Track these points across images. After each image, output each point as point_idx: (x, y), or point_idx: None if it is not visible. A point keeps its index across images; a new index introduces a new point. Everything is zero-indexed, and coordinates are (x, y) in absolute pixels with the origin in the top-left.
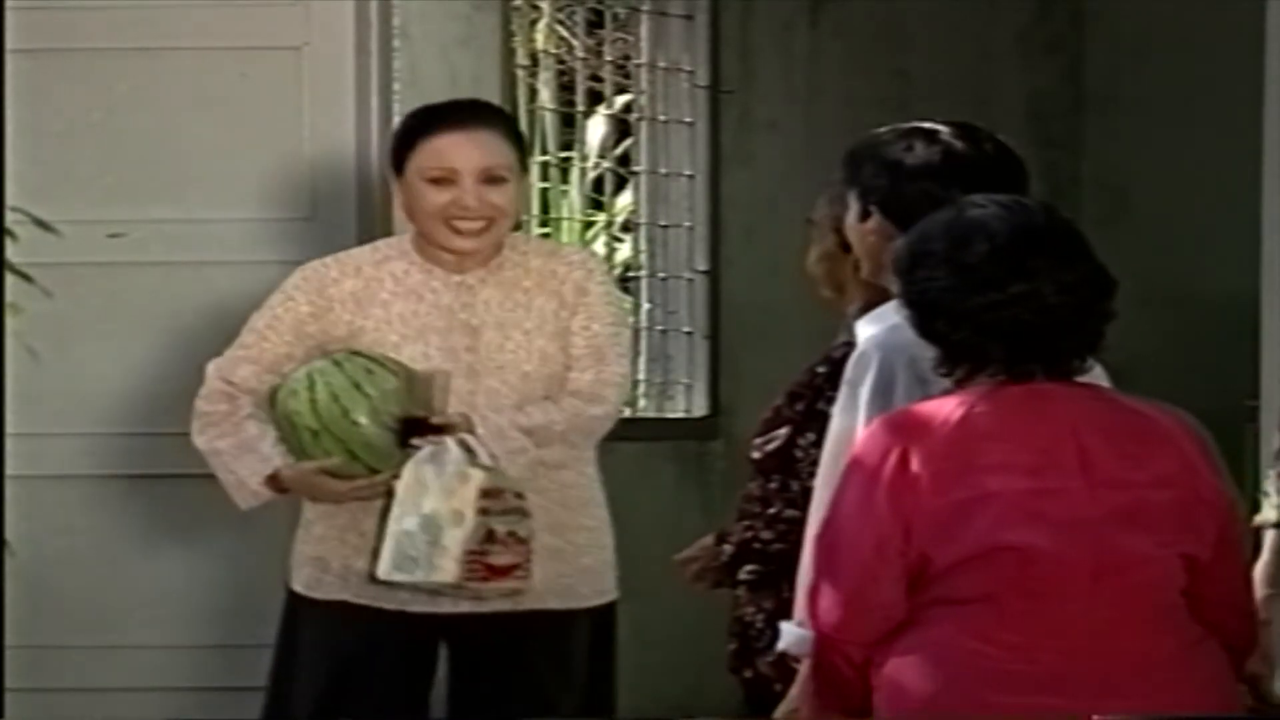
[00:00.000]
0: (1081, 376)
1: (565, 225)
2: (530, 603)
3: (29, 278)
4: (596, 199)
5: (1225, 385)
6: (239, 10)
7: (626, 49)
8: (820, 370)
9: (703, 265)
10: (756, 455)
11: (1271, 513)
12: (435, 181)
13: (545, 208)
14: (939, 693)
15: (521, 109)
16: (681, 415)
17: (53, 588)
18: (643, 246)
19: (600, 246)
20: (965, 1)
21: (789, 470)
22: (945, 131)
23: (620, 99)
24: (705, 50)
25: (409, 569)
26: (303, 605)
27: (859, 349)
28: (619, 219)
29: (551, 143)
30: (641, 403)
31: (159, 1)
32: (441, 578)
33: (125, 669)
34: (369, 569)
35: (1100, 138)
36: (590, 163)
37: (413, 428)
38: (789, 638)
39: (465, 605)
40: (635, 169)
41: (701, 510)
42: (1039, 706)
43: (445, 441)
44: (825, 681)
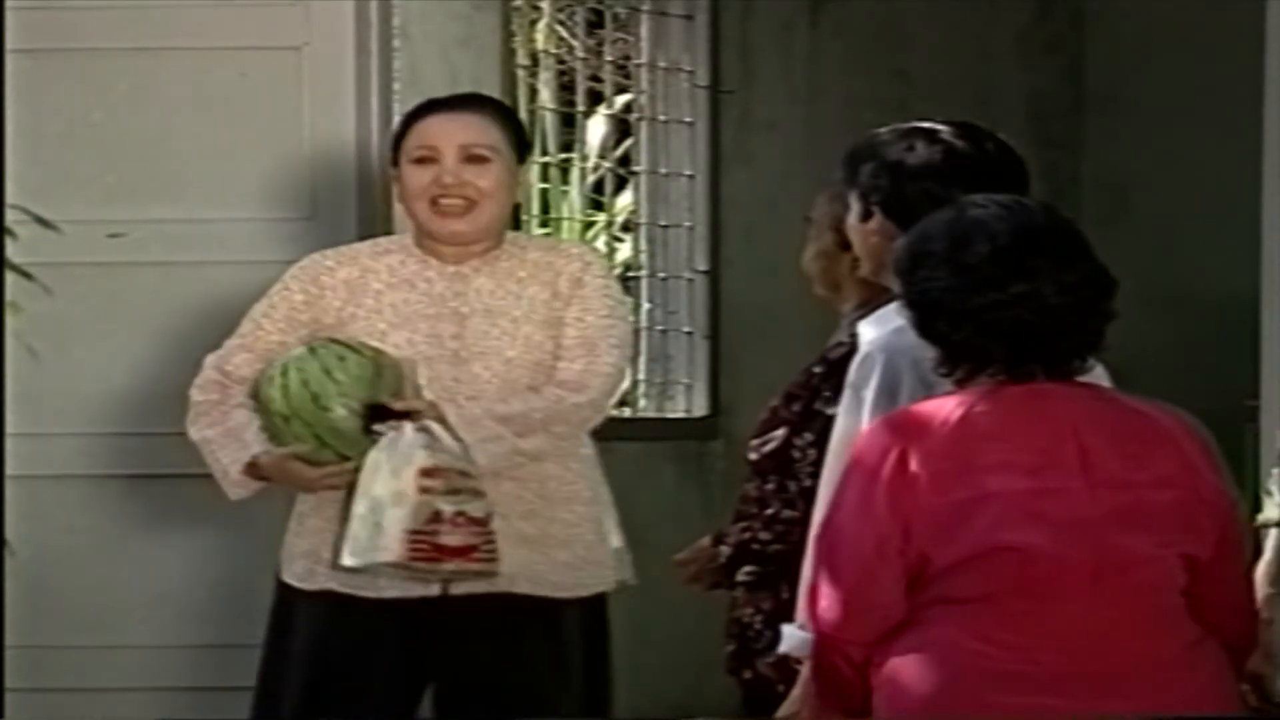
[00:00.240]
0: (1083, 376)
1: (565, 225)
2: (502, 586)
3: (30, 276)
4: (596, 199)
5: (1225, 385)
6: (238, 10)
7: (626, 49)
8: (817, 371)
9: (703, 265)
10: (754, 456)
11: (1273, 512)
12: (419, 162)
13: (545, 208)
14: (938, 693)
15: (521, 109)
16: (681, 415)
17: (53, 588)
18: (643, 246)
19: (600, 246)
20: (965, 1)
21: (786, 471)
22: (946, 131)
23: (620, 99)
24: (705, 50)
25: (360, 553)
26: (296, 597)
27: (863, 351)
28: (619, 219)
29: (552, 143)
30: (641, 403)
31: (159, 1)
32: (384, 558)
33: (125, 669)
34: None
35: (1100, 138)
36: (590, 163)
37: (377, 413)
38: (791, 640)
39: (436, 589)
40: (635, 169)
41: (701, 510)
42: (1039, 707)
43: (403, 426)
44: (825, 681)
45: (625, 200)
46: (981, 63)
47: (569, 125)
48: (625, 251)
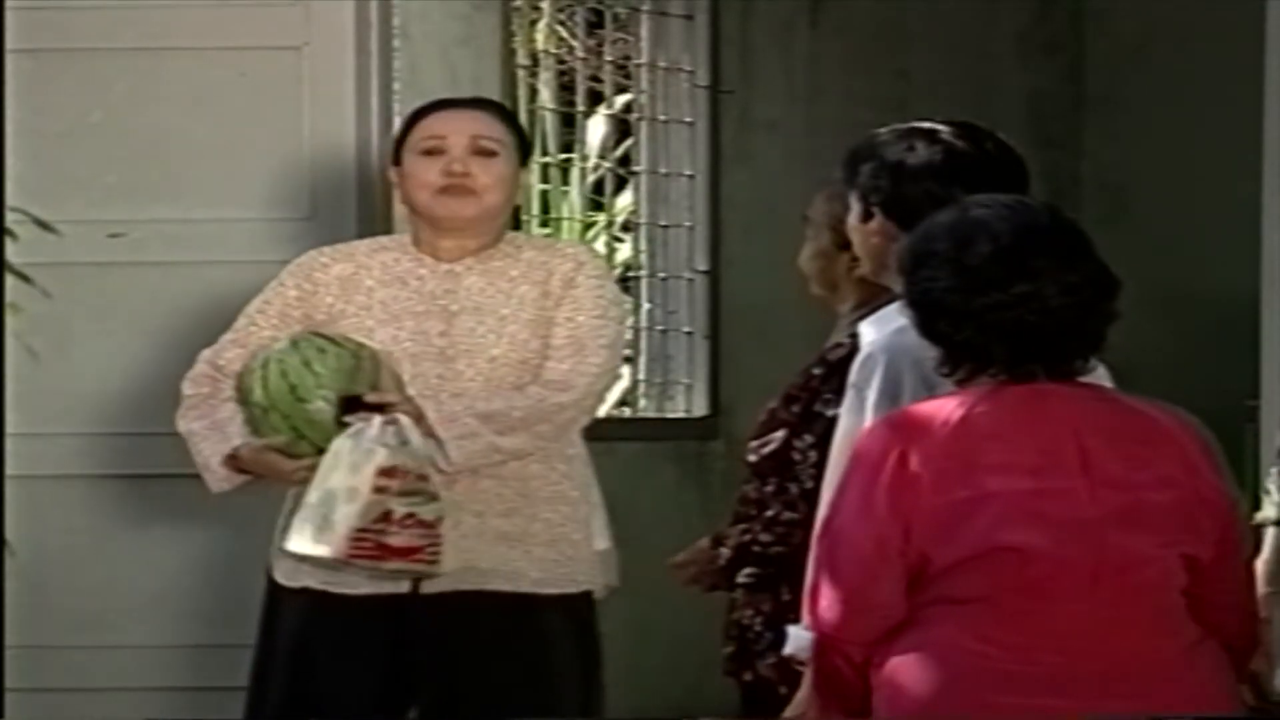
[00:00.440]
0: (1085, 377)
1: (565, 225)
2: (477, 583)
3: (28, 279)
4: (596, 199)
5: (1225, 385)
6: (238, 10)
7: (626, 49)
8: (816, 372)
9: (703, 265)
10: (753, 458)
11: (1272, 510)
12: (427, 154)
13: (545, 208)
14: (939, 693)
15: (521, 109)
16: (681, 415)
17: (53, 588)
18: (643, 246)
19: (600, 246)
20: (965, 1)
21: (786, 473)
22: (946, 131)
23: (620, 99)
24: (705, 50)
25: (302, 544)
26: (282, 595)
27: (864, 352)
28: (619, 219)
29: (551, 143)
30: (641, 403)
31: (158, 1)
32: (324, 553)
33: (125, 669)
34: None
35: (1100, 138)
36: (590, 163)
37: (350, 405)
38: (796, 641)
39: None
40: (635, 169)
41: (701, 510)
42: (1039, 707)
43: (372, 419)
44: (825, 681)
45: (625, 200)
46: (981, 63)
47: (569, 125)
48: (625, 251)
